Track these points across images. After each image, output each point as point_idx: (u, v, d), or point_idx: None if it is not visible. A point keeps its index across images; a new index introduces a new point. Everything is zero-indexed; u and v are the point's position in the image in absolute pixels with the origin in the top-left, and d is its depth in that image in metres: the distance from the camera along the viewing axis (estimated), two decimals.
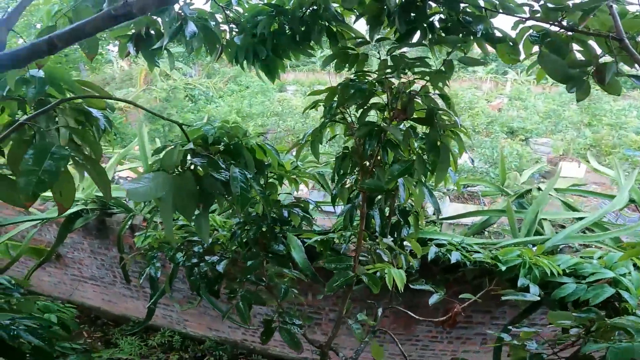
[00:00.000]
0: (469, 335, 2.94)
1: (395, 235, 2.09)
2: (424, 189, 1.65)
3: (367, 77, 1.67)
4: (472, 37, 1.68)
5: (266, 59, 2.05)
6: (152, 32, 1.97)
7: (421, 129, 1.70)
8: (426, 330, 3.01)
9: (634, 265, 2.08)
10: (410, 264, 2.10)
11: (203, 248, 2.11)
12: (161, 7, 1.71)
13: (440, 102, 1.66)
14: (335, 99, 1.68)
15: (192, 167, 1.30)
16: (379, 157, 1.65)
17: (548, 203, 2.80)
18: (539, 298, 1.93)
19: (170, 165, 1.20)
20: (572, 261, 2.13)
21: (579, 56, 1.46)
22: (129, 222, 2.90)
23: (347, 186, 1.92)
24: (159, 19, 1.90)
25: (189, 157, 1.28)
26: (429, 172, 1.67)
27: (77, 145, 1.20)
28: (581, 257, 2.19)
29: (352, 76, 1.71)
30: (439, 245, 2.33)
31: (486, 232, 2.90)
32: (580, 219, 2.61)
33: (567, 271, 2.12)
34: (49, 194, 1.02)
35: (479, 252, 2.26)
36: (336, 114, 1.74)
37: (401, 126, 1.65)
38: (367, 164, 1.68)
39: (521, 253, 2.15)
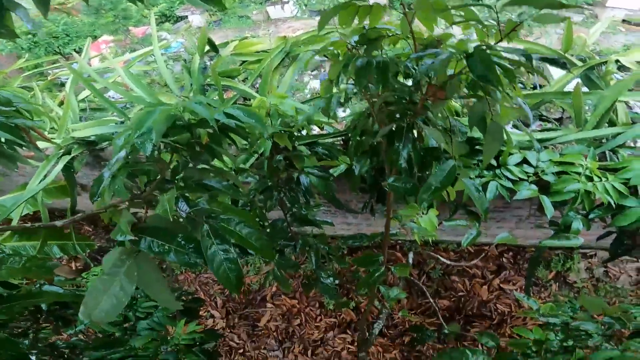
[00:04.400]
0: (505, 216, 2.92)
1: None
2: (468, 182, 1.22)
3: (383, 34, 1.03)
4: None
5: None
6: None
7: None
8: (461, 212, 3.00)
9: None
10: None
11: None
12: None
13: None
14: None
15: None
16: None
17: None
18: (580, 242, 1.70)
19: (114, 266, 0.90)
20: None
21: None
22: None
23: None
24: None
25: None
26: None
27: None
28: None
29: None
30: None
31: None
32: None
33: None
34: None
35: (522, 179, 1.87)
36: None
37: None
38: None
39: (580, 179, 1.78)
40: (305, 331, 3.49)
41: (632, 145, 2.15)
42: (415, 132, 1.19)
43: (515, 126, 2.67)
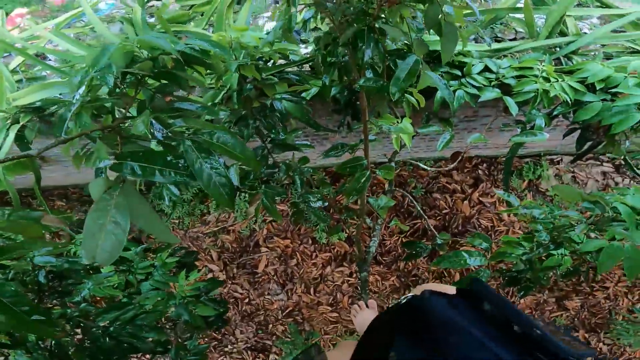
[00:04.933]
0: (475, 126, 3.01)
1: None
2: (432, 75, 1.25)
3: None
4: None
5: None
6: None
7: None
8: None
9: None
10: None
11: None
12: None
13: None
14: None
15: None
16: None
17: None
18: (546, 136, 1.78)
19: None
20: (603, 73, 1.80)
21: None
22: None
23: None
24: None
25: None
26: None
27: None
28: (615, 67, 1.83)
29: None
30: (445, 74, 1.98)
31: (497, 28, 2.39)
32: (620, 16, 2.09)
33: (598, 86, 1.83)
34: None
35: (486, 85, 1.91)
36: None
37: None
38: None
39: (538, 80, 1.84)
40: (303, 270, 3.64)
41: (584, 53, 2.25)
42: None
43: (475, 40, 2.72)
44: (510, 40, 2.55)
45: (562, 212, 1.55)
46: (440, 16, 1.14)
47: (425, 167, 2.23)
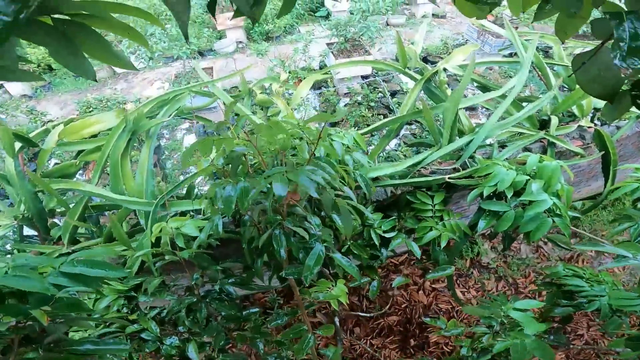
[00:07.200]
0: None
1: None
2: (337, 257, 1.46)
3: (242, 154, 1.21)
4: None
5: None
6: None
7: None
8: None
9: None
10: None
11: None
12: None
13: None
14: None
15: None
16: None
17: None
18: (452, 269, 1.98)
19: None
20: (509, 177, 1.87)
21: None
22: None
23: None
24: None
25: None
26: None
27: None
28: (516, 170, 1.91)
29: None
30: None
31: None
32: (503, 97, 2.35)
33: (508, 194, 1.87)
34: None
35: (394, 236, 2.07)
36: None
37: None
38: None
39: (432, 223, 2.05)
40: None
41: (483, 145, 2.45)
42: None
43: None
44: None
45: (472, 328, 1.80)
46: (334, 201, 1.29)
47: (364, 314, 2.29)
